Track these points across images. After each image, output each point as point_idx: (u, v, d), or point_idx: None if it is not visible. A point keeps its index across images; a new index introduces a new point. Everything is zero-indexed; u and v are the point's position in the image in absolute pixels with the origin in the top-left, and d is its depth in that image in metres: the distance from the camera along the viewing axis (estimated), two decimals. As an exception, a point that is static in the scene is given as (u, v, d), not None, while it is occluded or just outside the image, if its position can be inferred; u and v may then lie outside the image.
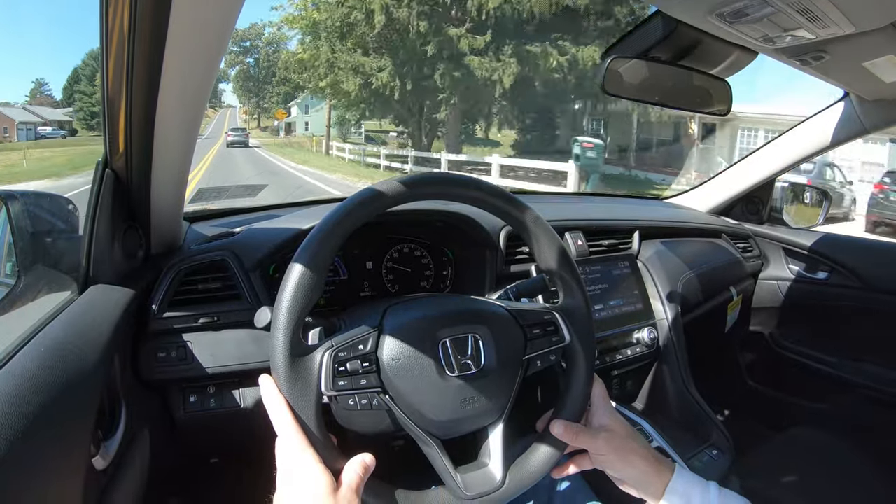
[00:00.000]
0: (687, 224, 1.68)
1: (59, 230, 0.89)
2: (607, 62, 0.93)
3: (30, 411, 0.53)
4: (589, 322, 0.78)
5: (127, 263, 0.87)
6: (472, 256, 1.18)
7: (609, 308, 1.30)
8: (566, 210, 1.48)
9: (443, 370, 0.66)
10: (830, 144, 1.55)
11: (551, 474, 0.75)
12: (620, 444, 0.72)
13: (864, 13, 0.78)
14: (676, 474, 0.71)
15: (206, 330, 0.93)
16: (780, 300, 1.83)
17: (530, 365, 0.73)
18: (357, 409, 0.62)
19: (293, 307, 0.60)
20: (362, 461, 0.60)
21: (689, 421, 1.31)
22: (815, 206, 1.83)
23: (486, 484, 0.66)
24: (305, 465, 0.58)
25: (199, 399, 0.94)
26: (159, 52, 0.59)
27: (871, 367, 1.62)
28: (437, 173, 0.72)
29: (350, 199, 0.66)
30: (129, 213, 0.86)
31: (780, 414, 1.78)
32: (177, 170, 0.84)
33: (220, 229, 1.10)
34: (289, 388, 0.59)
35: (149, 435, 0.86)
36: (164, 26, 0.55)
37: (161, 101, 0.67)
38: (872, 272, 1.62)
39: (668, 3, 0.79)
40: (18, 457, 0.49)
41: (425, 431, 0.65)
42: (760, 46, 0.92)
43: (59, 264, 0.87)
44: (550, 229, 0.75)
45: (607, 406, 0.76)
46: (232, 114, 69.35)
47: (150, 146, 0.75)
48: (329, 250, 0.63)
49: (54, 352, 0.62)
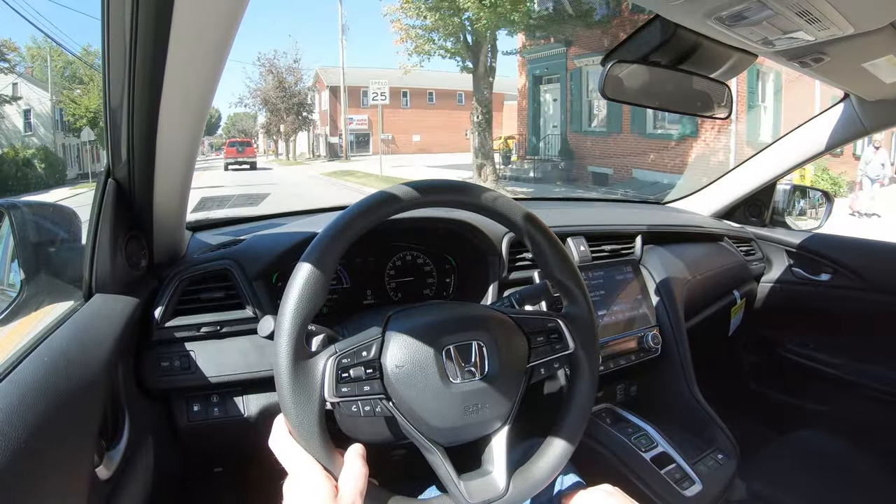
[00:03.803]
0: (689, 228, 1.67)
1: (62, 239, 0.90)
2: (607, 67, 0.94)
3: (33, 421, 0.53)
4: (593, 330, 0.77)
5: (130, 272, 0.87)
6: (474, 263, 1.18)
7: (612, 313, 1.29)
8: (568, 216, 1.47)
9: (446, 377, 0.66)
10: (831, 146, 1.55)
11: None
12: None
13: (864, 14, 0.78)
14: None
15: (209, 339, 0.93)
16: (783, 303, 1.82)
17: (534, 373, 0.73)
18: (360, 415, 0.62)
19: (297, 313, 0.59)
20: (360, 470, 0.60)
21: (693, 425, 1.30)
22: (817, 209, 1.82)
23: (489, 491, 0.66)
24: (307, 473, 0.57)
25: (203, 408, 0.94)
26: (161, 61, 0.59)
27: (876, 369, 1.61)
28: (442, 180, 0.72)
29: (357, 205, 0.66)
30: (132, 223, 0.86)
31: (785, 417, 1.77)
32: (179, 178, 0.84)
33: (222, 238, 1.10)
34: (292, 394, 0.59)
35: (152, 444, 0.86)
36: (165, 36, 0.56)
37: (163, 110, 0.67)
38: (875, 273, 1.61)
39: (667, 8, 0.79)
40: (22, 466, 0.49)
41: (428, 439, 0.64)
42: (760, 49, 0.92)
43: (63, 274, 0.87)
44: (553, 235, 0.75)
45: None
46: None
47: (152, 155, 0.75)
48: (335, 255, 0.63)
49: (58, 361, 0.62)
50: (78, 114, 23.37)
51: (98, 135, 19.82)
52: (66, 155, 23.34)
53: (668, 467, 1.13)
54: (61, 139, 23.08)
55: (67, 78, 24.77)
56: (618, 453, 1.14)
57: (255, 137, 48.68)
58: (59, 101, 23.59)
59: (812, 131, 1.58)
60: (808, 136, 1.59)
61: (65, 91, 24.00)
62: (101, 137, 18.86)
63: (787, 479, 1.26)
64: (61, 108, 23.52)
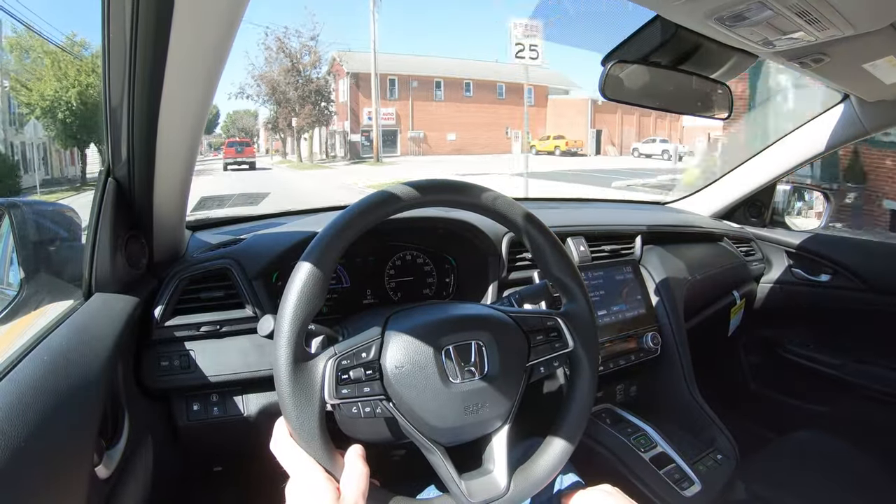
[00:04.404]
0: (689, 228, 1.67)
1: (62, 239, 0.90)
2: (607, 67, 0.94)
3: (33, 419, 0.53)
4: (592, 328, 0.77)
5: (130, 272, 0.87)
6: (474, 263, 1.18)
7: (612, 314, 1.30)
8: (568, 216, 1.47)
9: (446, 377, 0.66)
10: (831, 147, 1.55)
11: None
12: None
13: (864, 15, 0.78)
14: None
15: (208, 338, 0.93)
16: (782, 303, 1.82)
17: (534, 371, 0.73)
18: (361, 416, 0.62)
19: (296, 315, 0.59)
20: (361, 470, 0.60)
21: (693, 426, 1.30)
22: (816, 209, 1.82)
23: (490, 491, 0.66)
24: (309, 475, 0.58)
25: (202, 407, 0.94)
26: (161, 60, 0.59)
27: (875, 369, 1.61)
28: (441, 180, 0.72)
29: (356, 205, 0.66)
30: (131, 222, 0.86)
31: (785, 417, 1.77)
32: (179, 178, 0.84)
33: (222, 237, 1.10)
34: (292, 397, 0.59)
35: (152, 443, 0.86)
36: (165, 35, 0.56)
37: (163, 109, 0.67)
38: (875, 273, 1.61)
39: (668, 8, 0.79)
40: (21, 466, 0.49)
41: (429, 439, 0.64)
42: (760, 50, 0.93)
43: (63, 273, 0.87)
44: (551, 234, 0.75)
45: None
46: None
47: (152, 154, 0.75)
48: (335, 254, 0.63)
49: (57, 360, 0.62)
50: (32, 102, 16.89)
51: (56, 129, 16.43)
52: (31, 155, 16.03)
53: (668, 467, 1.13)
54: (12, 136, 16.27)
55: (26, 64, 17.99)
56: (617, 453, 1.14)
57: (256, 136, 43.99)
58: (10, 88, 16.88)
59: (812, 132, 1.58)
60: (808, 137, 1.59)
61: (13, 74, 17.41)
62: (63, 133, 16.38)
63: (787, 480, 1.26)
64: (9, 96, 16.81)
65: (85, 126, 16.22)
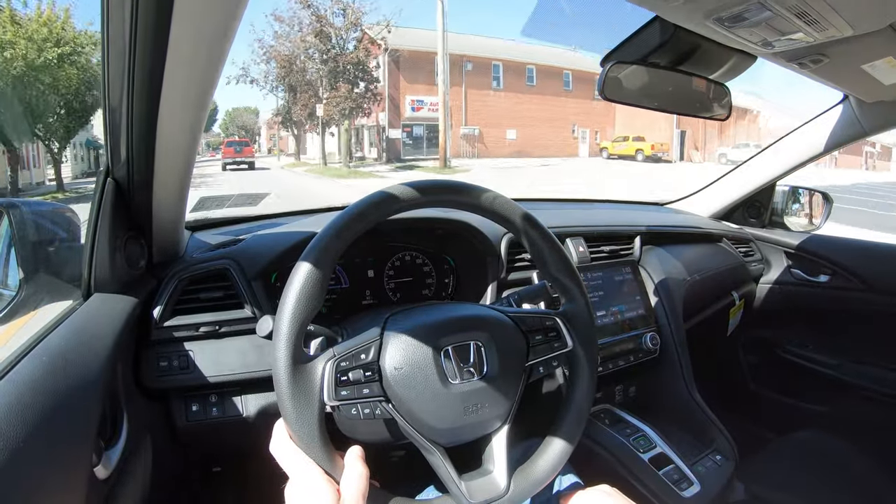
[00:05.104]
0: (688, 229, 1.68)
1: (62, 239, 0.90)
2: (606, 68, 0.94)
3: (32, 420, 0.52)
4: (591, 327, 0.77)
5: (129, 272, 0.87)
6: (473, 264, 1.18)
7: (611, 314, 1.30)
8: (567, 216, 1.48)
9: (445, 378, 0.66)
10: (830, 148, 1.55)
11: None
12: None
13: (863, 16, 0.78)
14: None
15: (207, 338, 0.93)
16: (781, 304, 1.82)
17: (533, 371, 0.73)
18: (360, 418, 0.62)
19: (295, 316, 0.59)
20: (360, 472, 0.60)
21: (692, 426, 1.30)
22: (815, 210, 1.82)
23: (490, 491, 0.66)
24: (309, 477, 0.58)
25: (201, 407, 0.94)
26: (160, 60, 0.59)
27: (874, 369, 1.61)
28: (440, 180, 0.72)
29: (356, 205, 0.66)
30: (131, 222, 0.86)
31: (784, 417, 1.77)
32: (178, 178, 0.84)
33: (222, 238, 1.10)
34: (291, 399, 0.59)
35: (151, 444, 0.86)
36: (164, 34, 0.56)
37: (163, 109, 0.67)
38: (873, 274, 1.62)
39: (667, 9, 0.79)
40: (20, 465, 0.49)
41: (429, 439, 0.64)
42: (759, 50, 0.93)
43: (62, 273, 0.87)
44: (550, 234, 0.75)
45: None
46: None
47: (151, 155, 0.75)
48: (334, 255, 0.63)
49: (56, 361, 0.62)
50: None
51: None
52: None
53: (667, 468, 1.13)
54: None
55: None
56: (616, 454, 1.14)
57: (257, 135, 41.37)
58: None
59: (811, 133, 1.58)
60: (807, 138, 1.59)
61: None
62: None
63: (786, 480, 1.26)
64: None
65: (39, 114, 12.18)
